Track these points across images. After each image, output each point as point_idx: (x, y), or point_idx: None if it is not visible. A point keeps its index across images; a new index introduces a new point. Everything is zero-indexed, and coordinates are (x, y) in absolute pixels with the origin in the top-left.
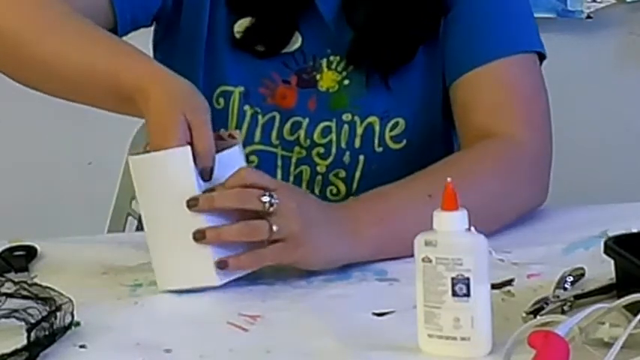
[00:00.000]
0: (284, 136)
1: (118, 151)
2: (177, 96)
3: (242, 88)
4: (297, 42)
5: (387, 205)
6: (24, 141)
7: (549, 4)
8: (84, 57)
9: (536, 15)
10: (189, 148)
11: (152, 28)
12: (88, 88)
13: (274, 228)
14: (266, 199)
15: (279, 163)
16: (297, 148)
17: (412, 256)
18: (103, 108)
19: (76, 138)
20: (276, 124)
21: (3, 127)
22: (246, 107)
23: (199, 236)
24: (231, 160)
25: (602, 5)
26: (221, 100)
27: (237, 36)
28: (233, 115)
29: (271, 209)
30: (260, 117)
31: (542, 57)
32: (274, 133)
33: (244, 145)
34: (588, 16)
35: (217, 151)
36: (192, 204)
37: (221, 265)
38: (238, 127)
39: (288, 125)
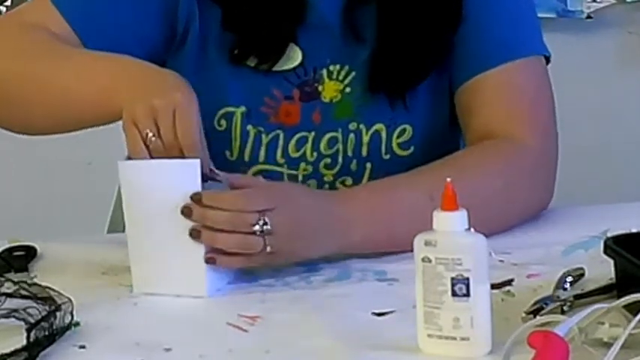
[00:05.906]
0: (289, 154)
1: (118, 151)
2: (138, 99)
3: (244, 108)
4: (297, 58)
5: (384, 201)
6: (24, 141)
7: (549, 4)
8: (66, 73)
9: None
10: (198, 161)
11: None
12: (76, 102)
13: (267, 249)
14: (257, 227)
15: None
16: (303, 165)
17: (405, 252)
18: (95, 123)
19: (76, 138)
20: (281, 142)
21: None
22: (249, 127)
23: (195, 234)
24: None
25: (602, 5)
26: (223, 122)
27: (234, 51)
28: (236, 136)
29: (263, 233)
30: (264, 136)
31: (547, 59)
32: (279, 152)
33: (250, 166)
34: (588, 16)
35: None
36: (186, 212)
37: (210, 261)
38: (242, 147)
39: (293, 142)
